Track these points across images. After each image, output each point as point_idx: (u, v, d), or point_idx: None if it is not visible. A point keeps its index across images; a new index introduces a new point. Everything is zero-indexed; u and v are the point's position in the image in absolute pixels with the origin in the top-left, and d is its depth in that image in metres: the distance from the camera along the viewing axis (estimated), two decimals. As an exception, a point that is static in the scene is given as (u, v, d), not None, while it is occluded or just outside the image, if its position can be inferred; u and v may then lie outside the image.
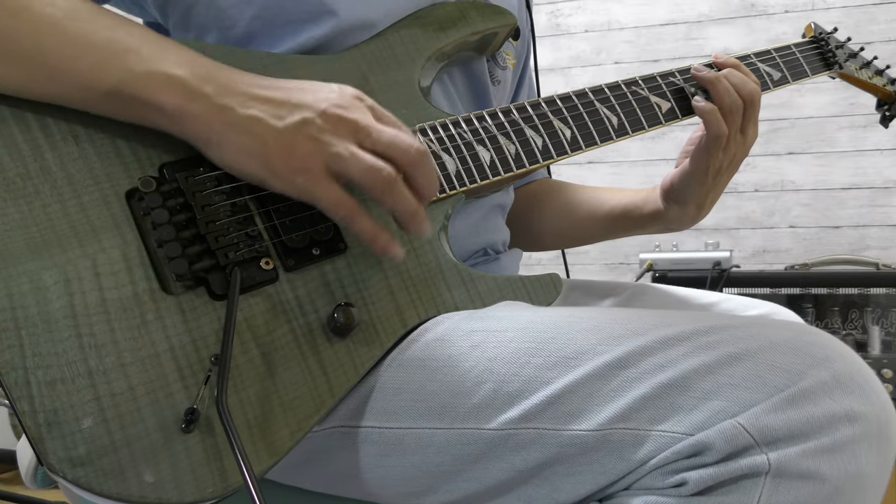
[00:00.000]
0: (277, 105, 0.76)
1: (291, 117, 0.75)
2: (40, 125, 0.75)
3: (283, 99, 0.76)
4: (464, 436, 0.76)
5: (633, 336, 0.73)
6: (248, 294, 0.77)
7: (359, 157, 0.76)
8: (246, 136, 0.75)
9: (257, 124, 0.75)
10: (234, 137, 0.75)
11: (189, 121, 0.75)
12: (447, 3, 1.00)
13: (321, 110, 0.76)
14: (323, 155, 0.75)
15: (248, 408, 0.74)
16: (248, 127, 0.75)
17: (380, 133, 0.77)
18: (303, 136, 0.75)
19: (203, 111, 0.75)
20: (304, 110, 0.76)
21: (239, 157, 0.76)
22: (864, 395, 0.68)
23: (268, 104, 0.76)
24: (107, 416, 0.69)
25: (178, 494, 0.69)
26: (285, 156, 0.75)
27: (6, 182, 0.72)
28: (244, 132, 0.75)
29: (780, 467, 0.65)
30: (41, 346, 0.68)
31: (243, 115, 0.75)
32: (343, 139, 0.76)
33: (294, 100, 0.76)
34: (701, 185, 1.10)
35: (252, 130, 0.75)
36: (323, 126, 0.75)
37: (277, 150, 0.75)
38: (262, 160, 0.75)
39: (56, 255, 0.71)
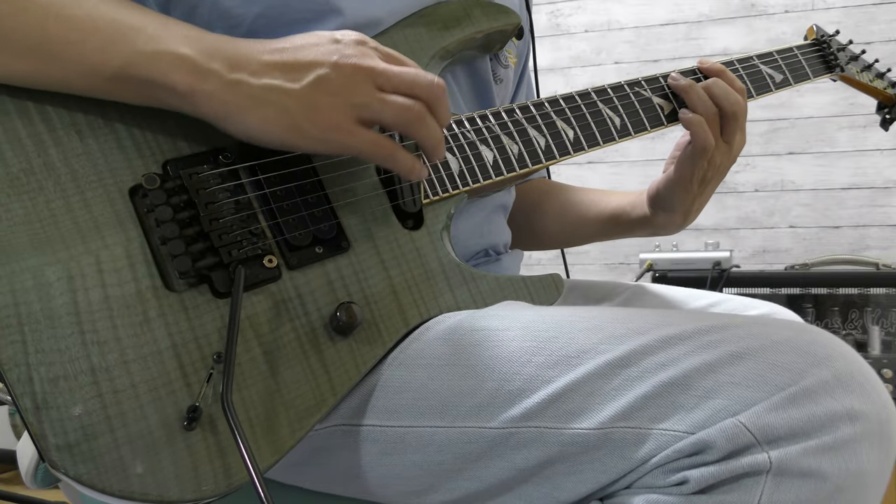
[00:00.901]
0: (289, 68, 0.76)
1: (306, 77, 0.75)
2: (44, 121, 0.75)
3: (292, 60, 0.76)
4: (465, 434, 0.76)
5: (634, 335, 0.73)
6: (250, 292, 0.77)
7: (386, 102, 0.77)
8: (266, 107, 0.75)
9: (274, 92, 0.75)
10: (253, 109, 0.75)
11: (203, 99, 0.75)
12: (451, 1, 1.00)
13: (333, 63, 0.76)
14: (349, 106, 0.76)
15: (250, 406, 0.74)
16: (265, 97, 0.75)
17: (399, 75, 0.78)
18: (323, 93, 0.75)
19: (215, 88, 0.74)
20: (316, 67, 0.76)
21: (263, 127, 0.76)
22: (864, 394, 0.68)
23: (279, 69, 0.76)
24: (109, 413, 0.69)
25: (180, 491, 0.69)
26: (311, 116, 0.75)
27: (10, 177, 0.72)
28: (263, 103, 0.75)
29: (781, 466, 0.65)
30: (44, 343, 0.68)
31: (258, 86, 0.75)
32: (364, 87, 0.76)
33: (303, 58, 0.76)
34: (686, 193, 1.10)
35: (271, 99, 0.75)
36: (340, 79, 0.76)
37: (301, 113, 0.75)
38: (289, 126, 0.75)
39: (59, 252, 0.71)
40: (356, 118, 0.77)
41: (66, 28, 0.73)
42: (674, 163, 1.10)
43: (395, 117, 0.78)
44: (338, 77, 0.76)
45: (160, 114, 0.78)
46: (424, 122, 0.79)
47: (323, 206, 0.83)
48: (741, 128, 1.08)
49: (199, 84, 0.74)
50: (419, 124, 0.79)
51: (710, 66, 1.10)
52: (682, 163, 1.07)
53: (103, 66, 0.73)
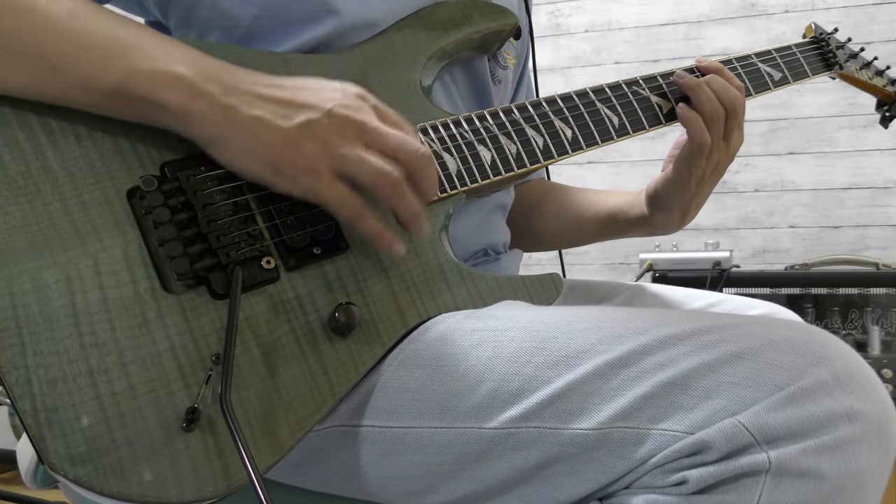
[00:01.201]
0: (282, 104, 0.76)
1: (297, 118, 0.75)
2: (42, 124, 0.75)
3: (288, 98, 0.76)
4: (464, 435, 0.76)
5: (633, 335, 0.73)
6: (249, 293, 0.77)
7: (366, 161, 0.76)
8: (251, 137, 0.75)
9: (262, 124, 0.75)
10: (238, 137, 0.75)
11: (193, 120, 0.75)
12: (449, 2, 1.00)
13: (327, 110, 0.76)
14: (329, 156, 0.75)
15: (248, 407, 0.74)
16: (252, 127, 0.75)
17: (387, 136, 0.77)
18: (309, 137, 0.75)
19: (207, 110, 0.74)
20: (309, 110, 0.76)
21: (244, 157, 0.76)
22: (864, 394, 0.68)
23: (273, 104, 0.76)
24: (107, 415, 0.69)
25: (179, 493, 0.69)
26: (291, 156, 0.75)
27: (8, 180, 0.72)
28: (249, 132, 0.75)
29: (780, 466, 0.65)
30: (42, 345, 0.68)
31: (248, 116, 0.75)
32: (349, 141, 0.76)
33: (299, 99, 0.76)
34: (684, 192, 1.09)
35: (257, 131, 0.75)
36: (329, 127, 0.75)
37: (283, 151, 0.75)
38: (268, 160, 0.75)
39: (57, 254, 0.71)
40: (334, 169, 0.76)
41: (64, 42, 0.73)
42: (672, 161, 1.10)
43: (370, 178, 0.77)
44: (327, 124, 0.76)
45: None
46: (399, 191, 0.78)
47: (321, 208, 0.83)
48: (739, 125, 1.08)
49: (191, 104, 0.74)
50: (393, 192, 0.78)
51: (707, 63, 1.09)
52: (680, 161, 1.07)
53: (100, 82, 0.74)
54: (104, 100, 0.75)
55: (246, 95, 0.75)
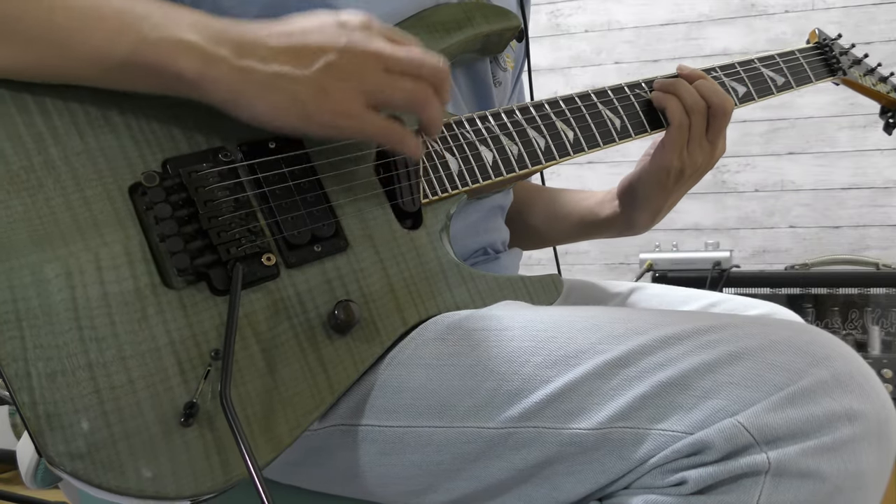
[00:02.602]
0: (297, 53, 0.75)
1: (316, 63, 0.75)
2: (44, 119, 0.75)
3: (300, 45, 0.76)
4: (464, 434, 0.76)
5: (633, 335, 0.73)
6: (249, 290, 0.77)
7: (396, 85, 0.77)
8: (276, 93, 0.75)
9: (284, 79, 0.74)
10: (264, 96, 0.75)
11: (212, 85, 0.74)
12: (451, 4, 1.00)
13: (341, 47, 0.76)
14: (358, 91, 0.76)
15: (247, 403, 0.74)
16: (275, 83, 0.74)
17: (405, 58, 0.78)
18: (332, 78, 0.75)
19: (224, 74, 0.74)
20: (325, 53, 0.75)
21: (273, 114, 0.76)
22: (863, 394, 0.68)
23: (288, 54, 0.75)
24: (106, 409, 0.69)
25: (176, 488, 0.69)
26: (321, 102, 0.75)
27: (10, 175, 0.72)
28: (273, 89, 0.75)
29: (779, 466, 0.65)
30: (42, 338, 0.68)
31: (267, 73, 0.74)
32: (373, 71, 0.76)
33: (312, 43, 0.76)
34: (660, 188, 1.09)
35: (280, 86, 0.74)
36: (349, 64, 0.76)
37: (312, 99, 0.75)
38: (299, 112, 0.76)
39: (58, 248, 0.71)
40: (366, 102, 0.77)
41: (72, 17, 0.72)
42: (648, 157, 1.09)
43: (404, 100, 0.79)
44: (347, 62, 0.76)
45: (161, 113, 0.79)
46: (431, 104, 0.80)
47: (322, 205, 0.83)
48: (724, 129, 1.07)
49: (207, 70, 0.73)
50: (426, 105, 0.80)
51: (691, 71, 1.09)
52: (660, 150, 1.06)
53: (110, 55, 0.73)
54: (117, 73, 0.74)
55: (259, 52, 0.75)
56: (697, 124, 1.04)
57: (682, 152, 1.05)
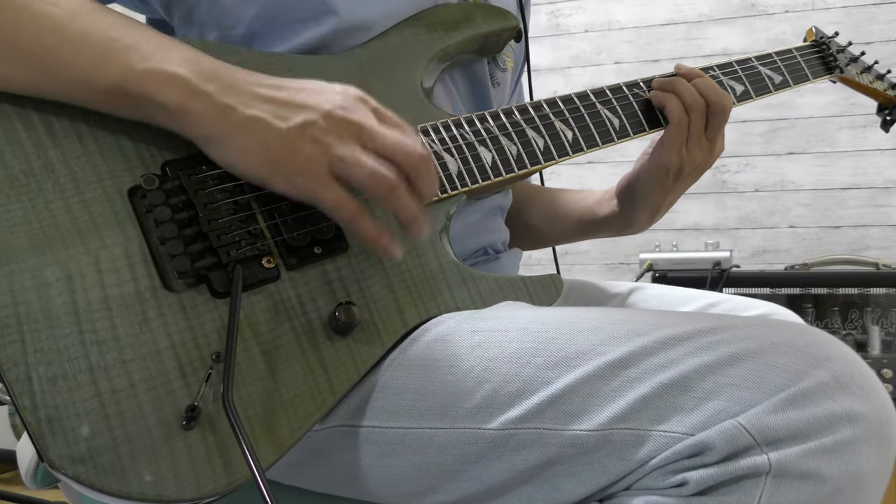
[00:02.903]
0: (280, 105, 0.75)
1: (294, 118, 0.75)
2: (44, 122, 0.75)
3: (285, 99, 0.76)
4: (465, 435, 0.76)
5: (634, 336, 0.73)
6: (249, 292, 0.77)
7: (362, 162, 0.75)
8: (248, 137, 0.75)
9: (260, 125, 0.74)
10: (236, 137, 0.75)
11: (191, 119, 0.75)
12: (450, 4, 1.00)
13: (325, 112, 0.76)
14: (326, 157, 0.75)
15: (248, 405, 0.74)
16: (250, 127, 0.74)
17: (384, 137, 0.77)
18: (306, 138, 0.75)
19: (205, 109, 0.74)
20: (307, 111, 0.75)
21: (241, 157, 0.76)
22: (864, 396, 0.68)
23: (271, 104, 0.75)
24: (107, 413, 0.69)
25: (178, 491, 0.69)
26: (288, 157, 0.75)
27: (9, 178, 0.72)
28: (246, 132, 0.75)
29: (780, 467, 0.65)
30: (43, 342, 0.69)
31: (246, 116, 0.74)
32: (346, 142, 0.76)
33: (297, 100, 0.76)
34: (660, 186, 1.09)
35: (254, 131, 0.75)
36: (326, 128, 0.75)
37: (280, 152, 0.75)
38: (264, 161, 0.75)
39: (58, 252, 0.72)
40: (331, 171, 0.76)
41: (62, 41, 0.73)
42: (647, 156, 1.09)
43: (366, 180, 0.76)
44: (324, 125, 0.75)
45: None
46: (396, 194, 0.77)
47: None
48: (722, 128, 1.07)
49: (190, 103, 0.74)
50: (391, 194, 0.77)
51: (689, 69, 1.09)
52: (660, 148, 1.06)
53: (98, 81, 0.74)
54: (103, 98, 0.75)
55: (244, 95, 0.75)
56: (696, 122, 1.04)
57: (682, 150, 1.05)
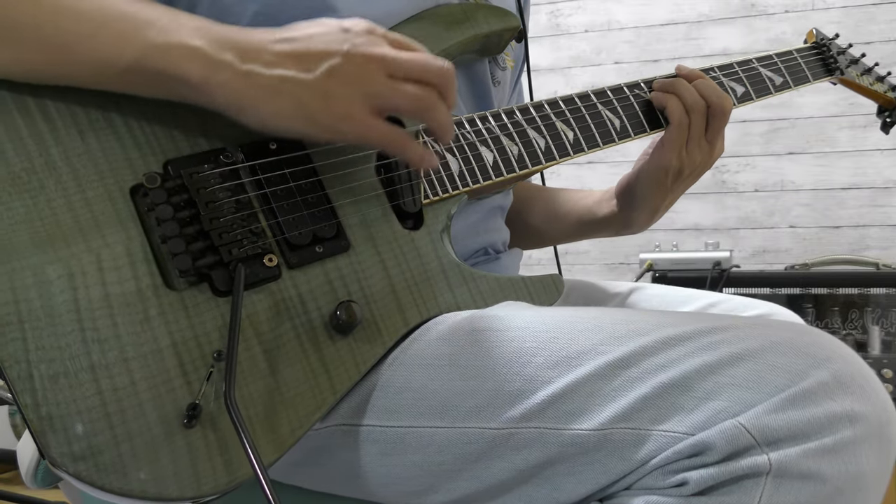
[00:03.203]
0: (301, 58, 0.75)
1: (319, 67, 0.75)
2: (46, 120, 0.75)
3: (304, 50, 0.76)
4: (465, 434, 0.76)
5: (634, 336, 0.73)
6: (250, 291, 0.77)
7: (399, 91, 0.77)
8: (280, 98, 0.75)
9: (288, 83, 0.75)
10: (268, 100, 0.75)
11: (217, 90, 0.75)
12: (451, 4, 1.00)
13: (345, 52, 0.76)
14: (362, 96, 0.76)
15: (249, 404, 0.74)
16: (279, 87, 0.75)
17: (407, 61, 0.78)
18: (336, 83, 0.75)
19: (229, 79, 0.74)
20: (329, 57, 0.75)
21: (278, 118, 0.76)
22: (864, 396, 0.68)
23: (292, 59, 0.75)
24: (109, 411, 0.69)
25: (179, 489, 0.69)
26: (325, 107, 0.75)
27: (11, 176, 0.72)
28: (277, 93, 0.75)
29: (781, 467, 0.65)
30: (44, 340, 0.69)
31: (271, 77, 0.74)
32: (376, 76, 0.76)
33: (315, 48, 0.76)
34: (659, 186, 1.09)
35: (284, 90, 0.75)
36: (353, 68, 0.76)
37: (315, 103, 0.75)
38: (303, 116, 0.76)
39: (60, 250, 0.72)
40: (370, 108, 0.77)
41: (79, 21, 0.73)
42: (647, 157, 1.09)
43: (409, 105, 0.78)
44: (350, 67, 0.76)
45: (162, 114, 0.79)
46: (437, 108, 0.79)
47: (323, 206, 0.83)
48: (722, 129, 1.07)
49: (212, 75, 0.74)
50: (432, 111, 0.79)
51: (690, 70, 1.09)
52: (659, 150, 1.07)
53: (116, 59, 0.73)
54: (121, 77, 0.74)
55: (263, 57, 0.75)
56: (697, 123, 1.04)
57: (682, 152, 1.05)
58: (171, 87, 0.75)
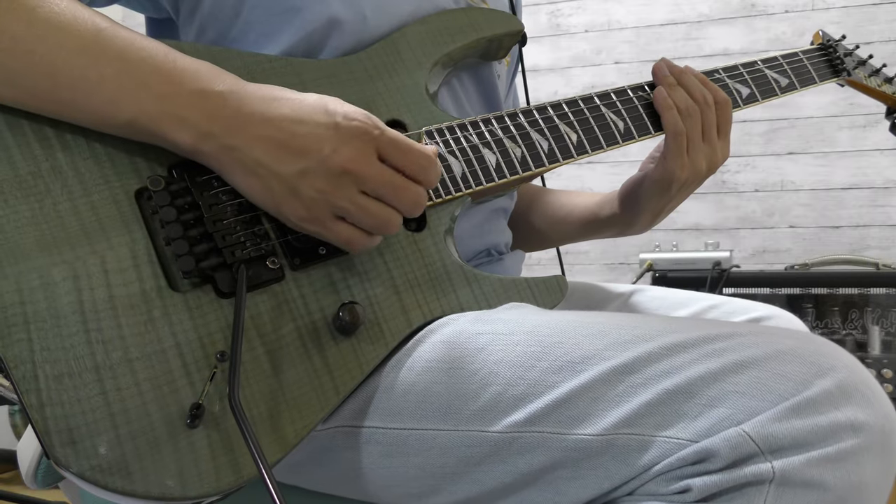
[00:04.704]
0: (280, 147, 0.76)
1: (294, 165, 0.76)
2: (52, 125, 0.76)
3: (285, 141, 0.76)
4: (468, 438, 0.76)
5: (639, 342, 0.73)
6: (254, 292, 0.78)
7: (364, 210, 0.78)
8: (253, 178, 0.77)
9: (262, 168, 0.76)
10: (243, 177, 0.77)
11: (203, 157, 0.77)
12: (454, 9, 1.01)
13: (322, 158, 0.76)
14: (327, 204, 0.77)
15: (252, 404, 0.74)
16: (254, 169, 0.76)
17: (383, 186, 0.78)
18: (305, 185, 0.76)
19: (213, 150, 0.76)
20: (304, 158, 0.76)
21: (251, 195, 0.78)
22: (868, 406, 0.68)
23: (272, 146, 0.76)
24: (112, 411, 0.69)
25: (182, 489, 0.70)
26: (291, 201, 0.77)
27: (18, 180, 0.73)
28: (251, 174, 0.77)
29: (784, 475, 0.65)
30: (49, 341, 0.69)
31: (249, 158, 0.76)
32: (345, 190, 0.77)
33: (295, 144, 0.76)
34: (664, 193, 1.08)
35: (259, 173, 0.76)
36: (324, 177, 0.76)
37: (283, 196, 0.77)
38: (271, 202, 0.78)
39: (65, 252, 0.72)
40: (335, 214, 0.78)
41: (75, 80, 0.74)
42: (653, 162, 1.09)
43: (369, 226, 0.79)
44: (323, 175, 0.76)
45: None
46: (394, 228, 0.81)
47: None
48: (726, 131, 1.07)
49: (199, 145, 0.76)
50: (390, 230, 0.81)
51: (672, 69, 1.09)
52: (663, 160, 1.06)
53: (113, 118, 0.75)
54: (118, 130, 0.77)
55: (246, 136, 0.76)
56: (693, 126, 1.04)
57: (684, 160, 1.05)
58: (163, 145, 0.77)
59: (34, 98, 0.74)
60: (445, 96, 1.02)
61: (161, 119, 0.75)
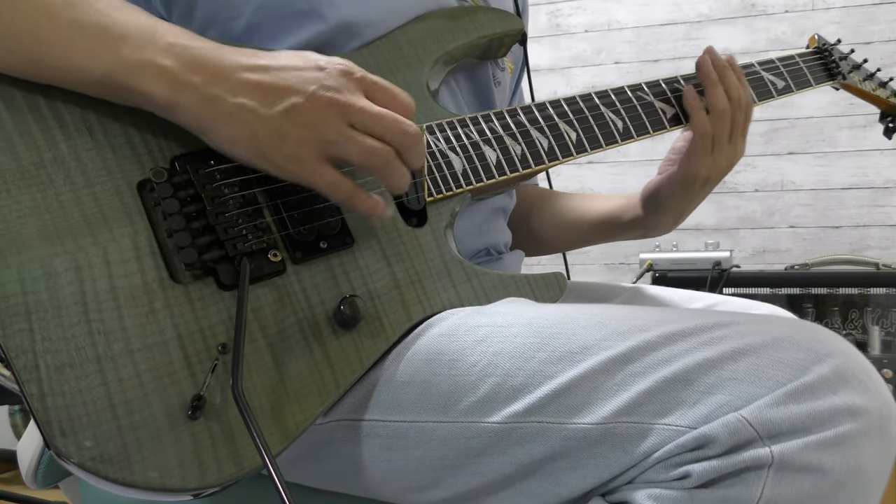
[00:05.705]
0: (265, 91, 0.76)
1: (280, 104, 0.75)
2: (55, 116, 0.76)
3: (270, 83, 0.76)
4: (468, 429, 0.77)
5: (637, 332, 0.73)
6: (255, 285, 0.78)
7: (354, 140, 0.77)
8: (237, 126, 0.75)
9: (246, 113, 0.75)
10: (225, 127, 0.76)
11: (180, 111, 0.76)
12: (455, 6, 1.01)
13: (309, 93, 0.76)
14: (315, 141, 0.76)
15: (254, 397, 0.74)
16: (237, 116, 0.75)
17: (371, 116, 0.78)
18: (293, 123, 0.75)
19: (192, 102, 0.75)
20: (292, 95, 0.76)
21: (231, 146, 0.77)
22: (865, 391, 0.69)
23: (256, 90, 0.75)
24: (114, 402, 0.69)
25: (182, 480, 0.70)
26: (277, 144, 0.76)
27: (21, 170, 0.73)
28: (234, 122, 0.75)
29: (782, 460, 0.66)
30: (51, 331, 0.69)
31: (232, 105, 0.75)
32: (334, 123, 0.76)
33: (281, 83, 0.76)
34: (687, 193, 1.10)
35: (242, 120, 0.75)
36: (313, 111, 0.76)
37: (268, 139, 0.75)
38: (255, 149, 0.76)
39: (67, 243, 0.72)
40: (322, 154, 0.77)
41: (58, 31, 0.74)
42: (673, 164, 1.10)
43: (360, 158, 0.78)
44: (311, 109, 0.76)
45: None
46: (390, 166, 0.79)
47: (328, 203, 0.83)
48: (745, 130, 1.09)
49: (177, 96, 0.75)
50: (386, 168, 0.79)
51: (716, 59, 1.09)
52: (686, 160, 1.08)
53: (89, 71, 0.74)
54: (96, 87, 0.76)
55: (230, 83, 0.75)
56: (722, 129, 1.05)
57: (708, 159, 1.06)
58: (138, 101, 0.76)
59: (16, 52, 0.74)
60: (444, 94, 1.02)
61: (139, 70, 0.74)
